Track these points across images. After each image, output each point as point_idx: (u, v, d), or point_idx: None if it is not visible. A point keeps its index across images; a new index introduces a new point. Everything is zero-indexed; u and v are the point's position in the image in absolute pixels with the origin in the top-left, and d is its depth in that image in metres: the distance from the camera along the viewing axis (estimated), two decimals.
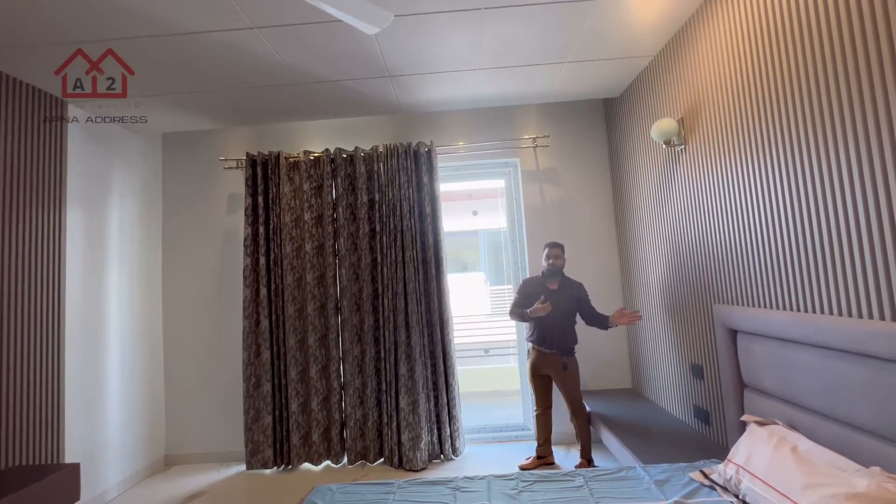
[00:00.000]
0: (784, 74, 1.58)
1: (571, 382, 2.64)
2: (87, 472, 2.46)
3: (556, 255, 2.69)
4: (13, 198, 2.27)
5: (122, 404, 2.89)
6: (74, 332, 2.57)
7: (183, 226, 3.36)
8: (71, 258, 2.58)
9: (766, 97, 1.68)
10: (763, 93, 1.70)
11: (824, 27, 1.40)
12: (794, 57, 1.53)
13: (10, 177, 2.26)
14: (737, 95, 1.85)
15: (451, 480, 1.91)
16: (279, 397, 3.06)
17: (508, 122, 3.32)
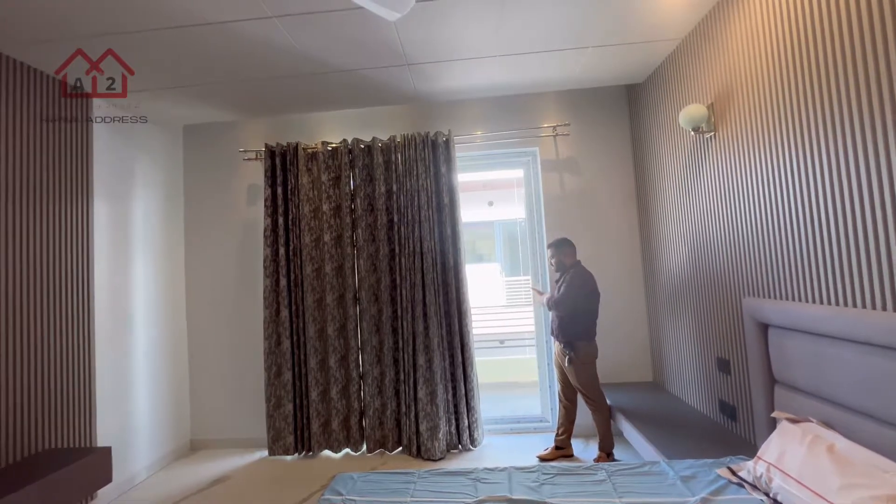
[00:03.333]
0: (824, 55, 1.50)
1: (576, 374, 2.64)
2: (117, 456, 2.55)
3: (550, 255, 2.78)
4: (44, 191, 2.33)
5: (148, 391, 2.97)
6: (103, 320, 2.65)
7: (204, 217, 3.41)
8: (98, 249, 2.64)
9: (804, 80, 1.60)
10: (801, 75, 1.61)
11: (873, 2, 1.31)
12: (837, 37, 1.44)
13: (41, 171, 2.32)
14: (772, 79, 1.76)
15: (471, 471, 1.91)
16: (299, 386, 3.11)
17: (528, 111, 3.25)
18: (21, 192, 2.21)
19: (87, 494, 2.32)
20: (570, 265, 2.72)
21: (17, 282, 2.17)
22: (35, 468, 2.02)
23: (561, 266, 2.73)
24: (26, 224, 2.23)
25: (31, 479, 1.90)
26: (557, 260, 2.73)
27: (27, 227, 2.23)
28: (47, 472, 1.96)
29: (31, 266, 2.24)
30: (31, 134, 2.29)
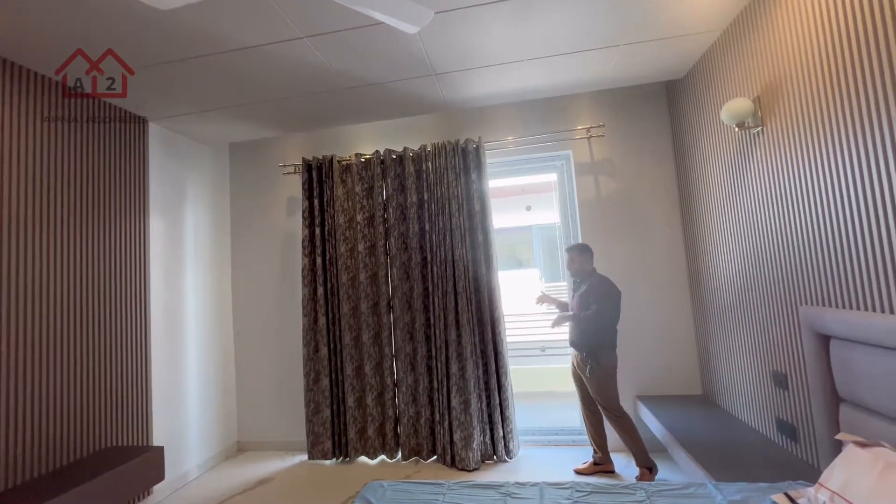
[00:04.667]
0: (885, 38, 1.34)
1: (597, 386, 2.56)
2: (170, 455, 2.72)
3: (570, 259, 2.71)
4: (108, 207, 2.56)
5: (198, 394, 3.16)
6: (158, 328, 2.85)
7: (248, 229, 3.60)
8: (154, 261, 2.86)
9: (862, 66, 1.44)
10: (859, 60, 1.46)
11: None
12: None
13: (105, 189, 2.55)
14: (827, 67, 1.61)
15: (501, 485, 1.87)
16: (336, 392, 3.18)
17: (560, 113, 3.18)
18: (88, 210, 2.44)
19: (144, 490, 2.49)
20: (590, 272, 2.66)
21: (84, 292, 2.39)
22: (100, 463, 2.20)
23: (582, 273, 2.66)
24: (92, 238, 2.45)
25: (98, 473, 2.08)
26: (579, 266, 2.66)
27: (93, 241, 2.46)
28: (111, 468, 2.13)
29: (96, 278, 2.46)
30: (98, 158, 2.52)
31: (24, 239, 2.12)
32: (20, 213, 2.10)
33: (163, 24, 1.92)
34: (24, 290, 2.09)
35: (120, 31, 1.95)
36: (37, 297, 2.15)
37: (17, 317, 2.05)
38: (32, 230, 2.15)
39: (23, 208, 2.12)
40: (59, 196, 2.30)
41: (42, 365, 2.15)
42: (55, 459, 2.17)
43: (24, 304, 2.09)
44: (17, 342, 2.05)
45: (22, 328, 2.07)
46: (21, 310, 2.08)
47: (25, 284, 2.10)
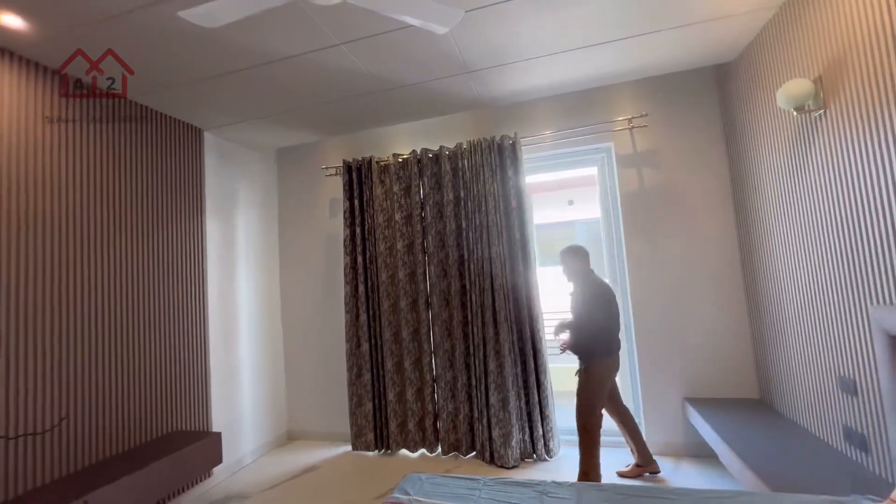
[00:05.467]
0: None
1: (579, 387, 2.52)
2: (227, 441, 2.93)
3: (563, 263, 2.63)
4: (170, 212, 2.79)
5: (251, 385, 3.37)
6: (215, 323, 3.07)
7: (294, 229, 3.79)
8: (210, 260, 3.08)
9: None
10: None
11: None
12: None
13: (167, 195, 2.78)
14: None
15: (538, 483, 1.85)
16: (378, 386, 3.28)
17: (599, 105, 3.07)
18: (154, 215, 2.67)
19: (205, 471, 2.70)
20: (584, 274, 2.56)
21: (151, 291, 2.62)
22: (168, 445, 2.41)
23: (577, 276, 2.57)
24: (157, 240, 2.69)
25: (166, 453, 2.29)
26: (573, 269, 2.58)
27: (158, 243, 2.69)
28: (177, 449, 2.34)
29: (161, 277, 2.69)
30: (161, 167, 2.75)
31: (101, 243, 2.36)
32: (97, 219, 2.34)
33: (212, 41, 2.06)
34: (100, 289, 2.33)
35: (175, 49, 2.12)
36: (111, 294, 2.39)
37: (94, 312, 2.30)
38: (107, 235, 2.39)
39: (99, 215, 2.36)
40: (129, 203, 2.53)
41: (116, 356, 2.39)
42: (129, 440, 2.41)
43: (100, 301, 2.33)
44: (95, 336, 2.29)
45: (98, 323, 2.32)
46: (98, 306, 2.32)
47: (102, 284, 2.34)
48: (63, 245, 2.18)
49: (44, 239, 2.10)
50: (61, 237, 2.18)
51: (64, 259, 2.18)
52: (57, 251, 2.15)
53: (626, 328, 3.08)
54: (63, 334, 2.15)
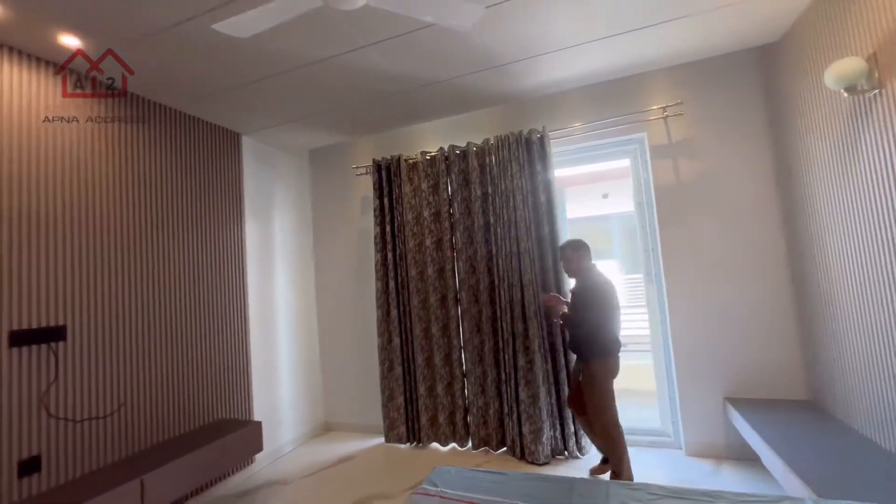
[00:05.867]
0: None
1: (588, 391, 2.45)
2: (267, 430, 3.08)
3: (565, 259, 2.57)
4: (213, 214, 2.95)
5: (289, 377, 3.53)
6: (255, 318, 3.23)
7: (327, 227, 3.91)
8: (250, 259, 3.24)
9: None
10: None
11: None
12: None
13: (210, 198, 2.94)
14: None
15: (567, 480, 1.84)
16: (409, 380, 3.35)
17: (631, 94, 2.97)
18: (197, 216, 2.84)
19: (248, 457, 2.85)
20: (586, 270, 2.49)
21: (196, 288, 2.79)
22: (214, 432, 2.57)
23: (579, 272, 2.51)
24: (201, 241, 2.86)
25: (213, 439, 2.44)
26: (576, 265, 2.51)
27: (202, 243, 2.86)
28: (222, 436, 2.49)
29: (205, 275, 2.86)
30: (204, 171, 2.92)
31: (153, 245, 2.54)
32: (148, 223, 2.52)
33: (246, 50, 2.16)
34: (153, 288, 2.51)
35: (213, 59, 2.24)
36: (162, 292, 2.57)
37: (148, 309, 2.48)
38: (157, 237, 2.57)
39: (150, 218, 2.54)
40: (176, 206, 2.71)
41: (167, 349, 2.57)
42: (179, 426, 2.59)
43: (153, 298, 2.51)
44: (149, 331, 2.47)
45: (152, 318, 2.50)
46: (151, 303, 2.50)
47: (155, 283, 2.52)
48: (121, 247, 2.36)
49: (104, 242, 2.29)
50: (118, 240, 2.36)
51: (123, 260, 2.36)
52: (117, 253, 2.34)
53: (661, 324, 2.98)
54: (122, 329, 2.33)
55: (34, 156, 2.05)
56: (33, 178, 2.04)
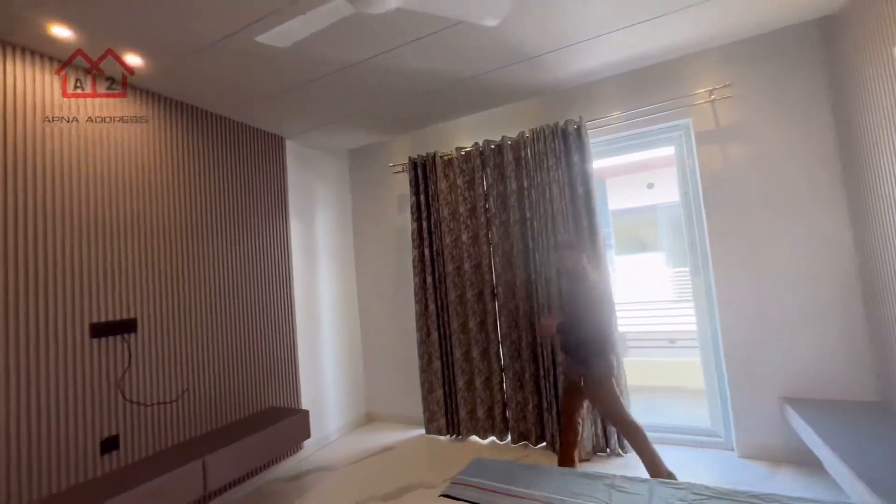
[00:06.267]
0: None
1: (591, 395, 2.32)
2: (314, 419, 3.24)
3: (560, 259, 2.45)
4: (260, 214, 3.13)
5: (333, 369, 3.69)
6: (301, 312, 3.40)
7: (366, 225, 4.04)
8: (295, 256, 3.41)
9: None
10: None
11: None
12: None
13: (257, 199, 3.13)
14: None
15: (607, 477, 1.82)
16: (448, 374, 3.40)
17: (674, 78, 2.83)
18: (245, 216, 3.03)
19: (297, 444, 3.03)
20: (582, 269, 2.38)
21: (246, 284, 2.98)
22: (266, 419, 2.75)
23: (574, 271, 2.39)
24: (250, 240, 3.04)
25: (265, 425, 2.61)
26: (572, 264, 2.39)
27: (250, 242, 3.04)
28: (273, 423, 2.65)
29: (254, 272, 3.05)
30: (251, 174, 3.10)
31: (208, 244, 2.74)
32: (203, 224, 2.72)
33: (287, 57, 2.27)
34: (209, 285, 2.72)
35: (257, 68, 2.37)
36: (217, 289, 2.77)
37: (206, 305, 2.68)
38: (211, 238, 2.77)
39: (204, 220, 2.74)
40: (227, 208, 2.90)
41: (223, 341, 2.77)
42: (234, 413, 2.79)
43: (209, 295, 2.71)
44: (207, 325, 2.67)
45: (210, 313, 2.70)
46: (207, 299, 2.70)
47: (210, 280, 2.72)
48: (182, 247, 2.57)
49: (167, 243, 2.50)
50: (179, 241, 2.57)
51: (183, 259, 2.57)
52: (178, 253, 2.54)
53: (710, 319, 2.84)
54: (184, 321, 2.54)
55: (104, 168, 2.27)
56: (105, 188, 2.26)
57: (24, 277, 1.92)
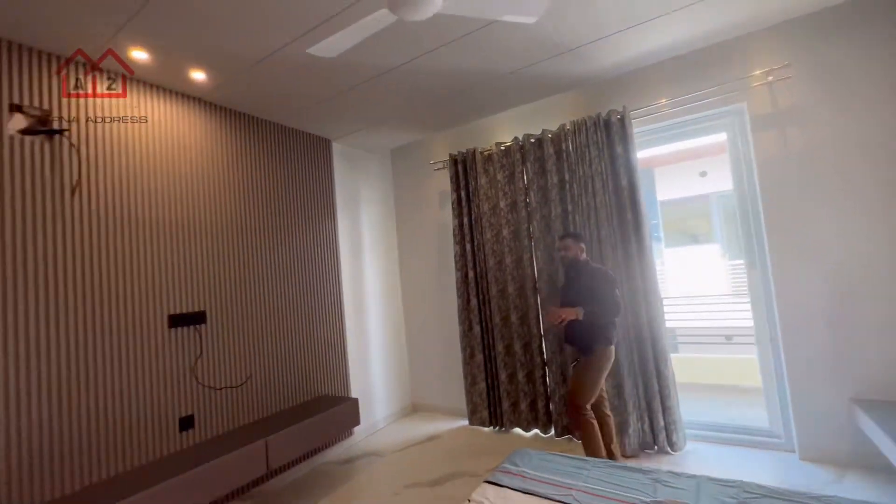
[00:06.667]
0: None
1: (575, 374, 2.53)
2: (363, 407, 3.41)
3: (565, 247, 2.64)
4: (310, 213, 3.33)
5: (379, 360, 3.85)
6: (348, 305, 3.58)
7: (409, 221, 4.16)
8: (343, 252, 3.59)
9: None
10: None
11: None
12: None
13: (307, 199, 3.32)
14: None
15: (652, 471, 1.80)
16: (490, 367, 3.45)
17: (725, 61, 2.69)
18: (295, 215, 3.23)
19: (347, 430, 3.21)
20: (584, 262, 2.61)
21: (298, 278, 3.18)
22: (320, 405, 2.93)
23: (576, 263, 2.61)
24: (300, 237, 3.24)
25: (319, 411, 2.79)
26: (573, 252, 2.61)
27: (301, 239, 3.24)
28: (326, 409, 2.83)
29: (304, 267, 3.24)
30: (301, 175, 3.30)
31: (262, 242, 2.95)
32: (258, 223, 2.94)
33: (333, 66, 2.40)
34: (266, 280, 2.93)
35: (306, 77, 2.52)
36: (273, 283, 2.98)
37: (265, 299, 2.90)
38: (265, 235, 2.98)
39: (259, 219, 2.95)
40: (279, 208, 3.10)
41: (280, 333, 2.98)
42: (290, 399, 3.00)
43: (267, 289, 2.93)
44: (266, 318, 2.89)
45: (268, 306, 2.91)
46: (266, 294, 2.91)
47: (267, 275, 2.94)
48: (242, 246, 2.80)
49: (229, 242, 2.73)
50: (240, 240, 2.79)
51: (244, 257, 2.79)
52: (239, 251, 2.77)
53: (768, 315, 2.70)
54: (245, 314, 2.77)
55: (179, 180, 2.51)
56: (178, 197, 2.50)
57: (115, 275, 2.18)
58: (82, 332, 2.05)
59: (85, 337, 2.05)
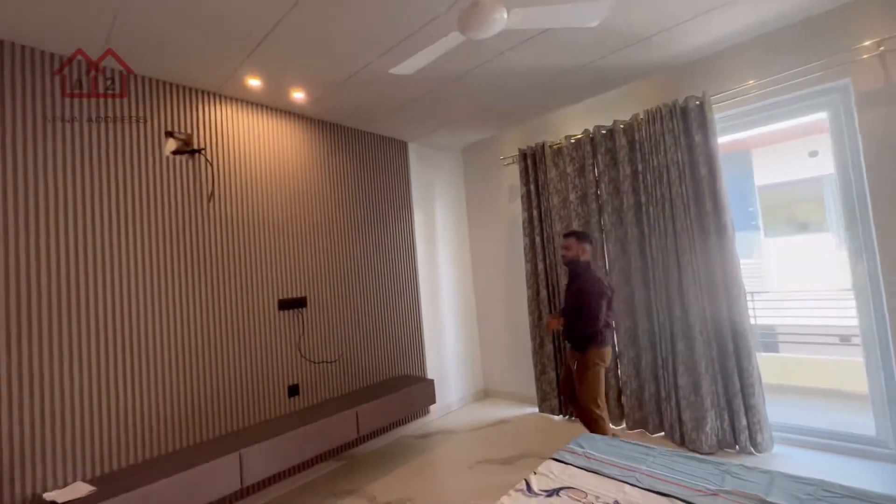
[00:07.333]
0: None
1: (579, 377, 2.59)
2: (438, 388, 3.69)
3: (566, 247, 2.66)
4: (389, 209, 3.65)
5: (453, 345, 4.10)
6: (424, 293, 3.87)
7: (480, 215, 4.33)
8: (419, 245, 3.88)
9: None
10: None
11: None
12: None
13: (387, 196, 3.65)
14: None
15: (722, 463, 1.80)
16: (560, 357, 3.52)
17: (824, 34, 2.45)
18: (377, 211, 3.57)
19: (424, 407, 3.51)
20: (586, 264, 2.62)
21: (382, 269, 3.52)
22: (400, 383, 3.26)
23: (567, 261, 2.65)
24: (381, 231, 3.58)
25: (400, 388, 3.11)
26: (573, 253, 2.62)
27: (382, 233, 3.58)
28: (405, 387, 3.15)
29: (387, 260, 3.58)
30: (381, 175, 3.63)
31: (350, 236, 3.33)
32: (347, 220, 3.32)
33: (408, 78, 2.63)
34: (352, 270, 3.31)
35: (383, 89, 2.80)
36: (359, 273, 3.35)
37: (353, 286, 3.28)
38: (353, 230, 3.35)
39: (348, 216, 3.33)
40: (364, 206, 3.46)
41: (365, 317, 3.35)
42: (374, 377, 3.37)
43: (354, 278, 3.31)
44: (354, 303, 3.27)
45: (356, 294, 3.29)
46: (353, 282, 3.30)
47: (353, 266, 3.31)
48: (334, 240, 3.20)
49: (323, 237, 3.14)
50: (332, 234, 3.19)
51: (336, 249, 3.19)
52: (332, 244, 3.17)
53: (876, 313, 2.44)
54: (337, 300, 3.17)
55: (285, 185, 2.95)
56: (281, 198, 2.94)
57: (238, 266, 2.66)
58: (213, 312, 2.54)
59: (216, 316, 2.55)
